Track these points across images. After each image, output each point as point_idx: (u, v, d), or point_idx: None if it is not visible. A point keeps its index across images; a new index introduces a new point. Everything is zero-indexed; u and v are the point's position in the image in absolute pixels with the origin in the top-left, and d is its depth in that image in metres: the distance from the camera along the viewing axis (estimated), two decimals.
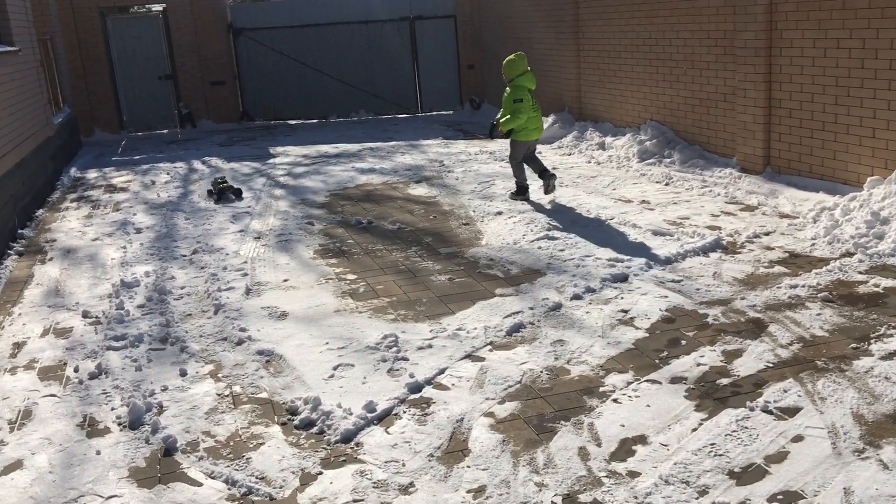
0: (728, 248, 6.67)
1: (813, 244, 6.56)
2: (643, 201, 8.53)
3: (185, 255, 7.50)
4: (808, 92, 8.09)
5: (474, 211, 8.67)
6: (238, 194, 9.95)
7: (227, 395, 4.61)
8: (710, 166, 9.46)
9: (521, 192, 9.05)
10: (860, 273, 5.82)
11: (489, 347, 5.06)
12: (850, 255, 6.22)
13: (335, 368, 4.88)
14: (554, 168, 10.71)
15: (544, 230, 7.58)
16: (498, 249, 7.18)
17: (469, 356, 4.94)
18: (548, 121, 13.09)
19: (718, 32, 9.33)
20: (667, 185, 9.23)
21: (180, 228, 8.59)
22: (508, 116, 8.74)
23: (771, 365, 4.52)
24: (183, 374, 4.91)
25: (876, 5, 7.10)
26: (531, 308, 5.65)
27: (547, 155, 11.71)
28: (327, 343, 5.26)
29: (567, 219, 7.95)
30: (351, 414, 4.24)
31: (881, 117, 7.27)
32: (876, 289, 5.51)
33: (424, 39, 17.50)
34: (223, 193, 9.86)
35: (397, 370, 4.80)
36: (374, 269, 6.85)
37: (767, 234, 7.00)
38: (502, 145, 12.68)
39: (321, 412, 4.27)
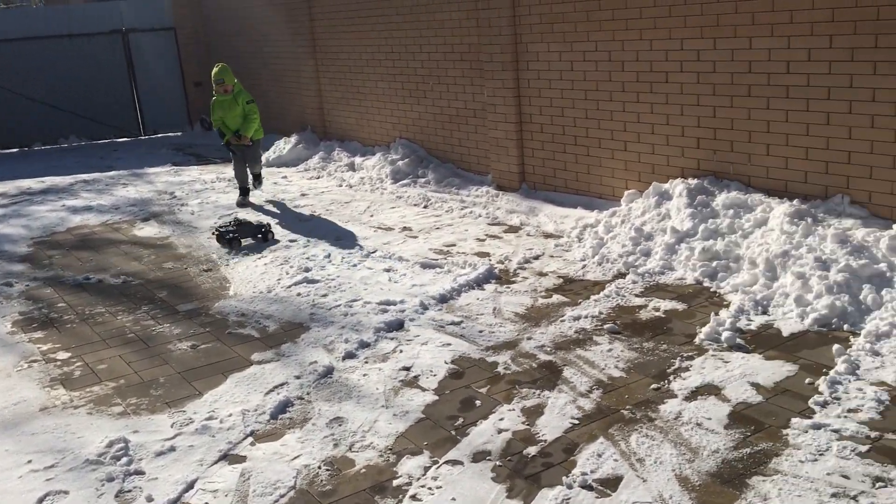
0: (502, 278, 6.22)
1: (584, 266, 6.30)
2: (405, 228, 7.92)
3: None
4: (557, 106, 7.95)
5: (216, 252, 7.54)
6: None
7: None
8: (466, 185, 9.11)
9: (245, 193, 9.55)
10: (637, 296, 5.60)
11: (250, 440, 4.07)
12: (622, 275, 6.01)
13: (42, 501, 3.64)
14: (303, 194, 9.82)
15: (302, 271, 6.68)
16: (250, 300, 6.16)
17: (225, 457, 3.93)
18: (291, 141, 12.14)
19: (463, 46, 9.00)
20: (425, 207, 8.71)
21: None
22: (255, 125, 9.26)
23: (577, 421, 4.02)
24: None
25: (620, 17, 7.05)
26: (298, 377, 4.74)
27: (293, 179, 10.78)
28: (30, 461, 3.98)
29: (325, 254, 7.11)
30: None
31: (631, 130, 7.25)
32: (657, 313, 5.28)
33: (142, 55, 15.71)
34: None
35: (129, 491, 3.68)
36: (95, 342, 5.54)
37: (537, 257, 6.66)
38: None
39: None
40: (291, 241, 7.73)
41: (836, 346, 4.44)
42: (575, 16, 7.48)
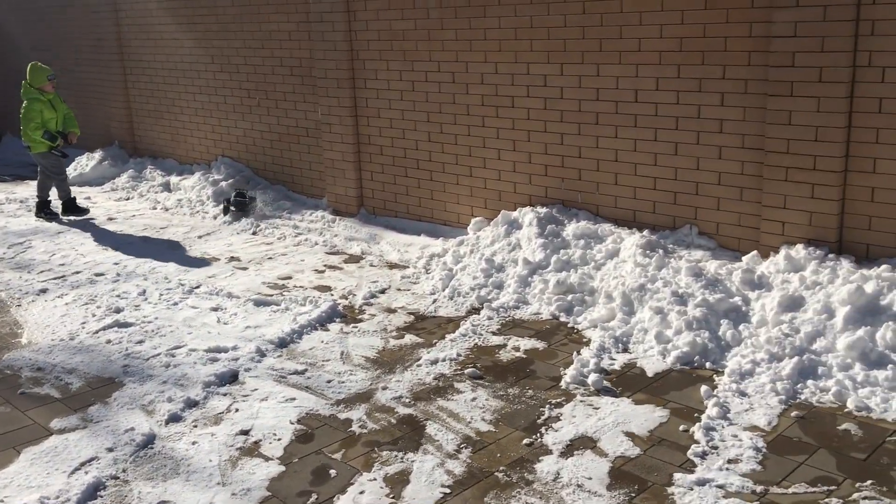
0: (347, 315, 5.68)
1: (435, 301, 5.89)
2: (232, 258, 7.16)
3: None
4: (398, 128, 7.53)
5: (6, 290, 6.43)
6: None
7: None
8: (298, 209, 8.46)
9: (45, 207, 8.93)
10: (494, 333, 5.25)
11: None
12: (476, 310, 5.66)
13: None
14: (110, 218, 8.75)
15: (112, 312, 5.78)
16: (48, 350, 5.21)
17: None
18: (94, 157, 10.90)
19: (293, 60, 8.38)
20: (254, 233, 7.98)
21: None
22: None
23: (448, 490, 3.56)
24: None
25: (463, 37, 6.75)
26: (111, 449, 3.95)
27: (98, 200, 9.63)
28: None
29: (139, 291, 6.23)
30: None
31: (477, 154, 6.96)
32: (517, 353, 4.96)
33: None
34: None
35: None
36: None
37: (383, 291, 6.17)
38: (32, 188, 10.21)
39: None
40: (97, 275, 6.75)
41: (703, 388, 4.29)
42: (416, 34, 7.11)
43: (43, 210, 8.84)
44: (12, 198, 9.87)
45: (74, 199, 8.95)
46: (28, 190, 10.40)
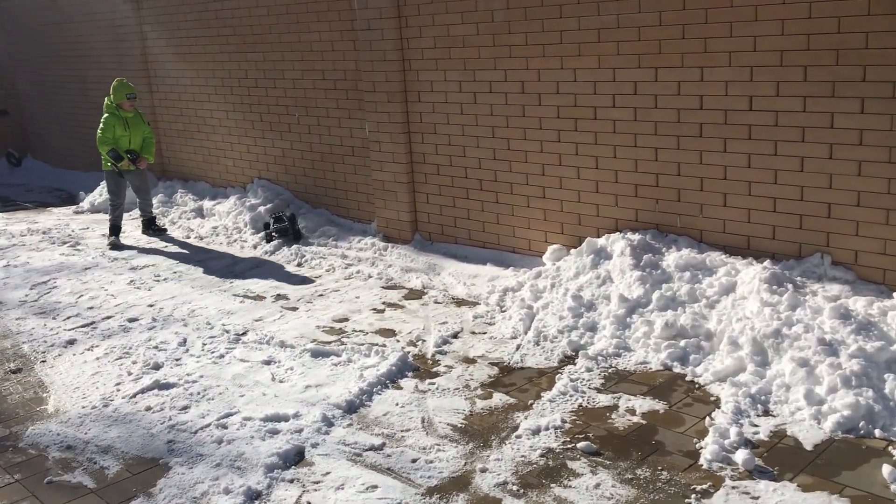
0: (420, 368, 4.89)
1: (519, 347, 5.08)
2: (279, 295, 6.40)
3: None
4: (458, 144, 6.74)
5: (30, 342, 5.71)
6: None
7: None
8: (345, 235, 7.70)
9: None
10: (599, 390, 4.44)
11: None
12: (570, 359, 4.85)
13: None
14: (141, 250, 8.04)
15: (150, 369, 5.04)
16: (79, 422, 4.46)
17: None
18: None
19: (337, 73, 7.63)
20: (300, 265, 7.22)
21: None
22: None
23: None
24: None
25: (535, 42, 5.96)
26: None
27: (127, 229, 8.92)
28: None
29: (180, 340, 5.49)
30: None
31: (551, 174, 6.16)
32: (633, 417, 4.14)
33: None
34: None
35: None
36: None
37: (456, 335, 5.38)
38: (62, 219, 9.52)
39: None
40: (131, 320, 6.01)
41: (886, 469, 3.45)
42: (477, 39, 6.32)
43: (114, 233, 8.39)
44: (35, 228, 9.19)
45: (154, 217, 8.73)
46: (51, 219, 9.73)
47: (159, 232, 8.56)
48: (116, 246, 8.19)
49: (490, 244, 6.75)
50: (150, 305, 6.35)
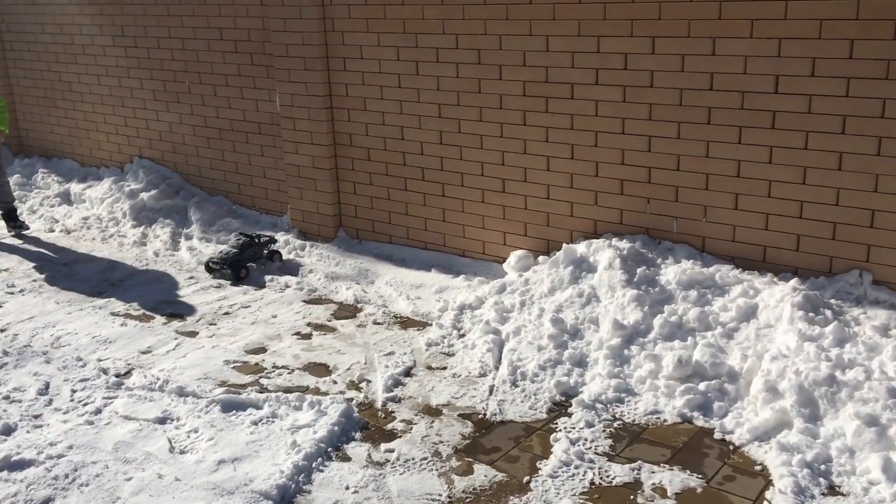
0: (371, 426, 3.74)
1: (493, 391, 4.01)
2: (172, 315, 5.07)
3: None
4: (394, 124, 5.55)
5: None
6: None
7: None
8: (250, 229, 6.38)
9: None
10: (610, 457, 3.42)
11: None
12: (562, 407, 3.82)
13: None
14: None
15: None
16: None
17: None
18: None
19: (239, 32, 6.24)
20: (192, 272, 5.87)
21: None
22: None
23: None
24: None
25: (496, 1, 4.82)
26: None
27: None
28: None
29: (40, 387, 4.10)
30: None
31: (514, 163, 5.07)
32: (666, 500, 3.16)
33: None
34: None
35: None
36: None
37: (408, 372, 4.25)
38: None
39: None
40: None
41: None
42: None
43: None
44: None
45: (14, 208, 6.85)
46: None
47: (20, 228, 6.83)
48: (24, 230, 6.64)
49: (434, 245, 5.63)
50: (1, 330, 4.89)
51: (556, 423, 3.69)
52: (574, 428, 3.64)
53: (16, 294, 5.48)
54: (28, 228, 6.83)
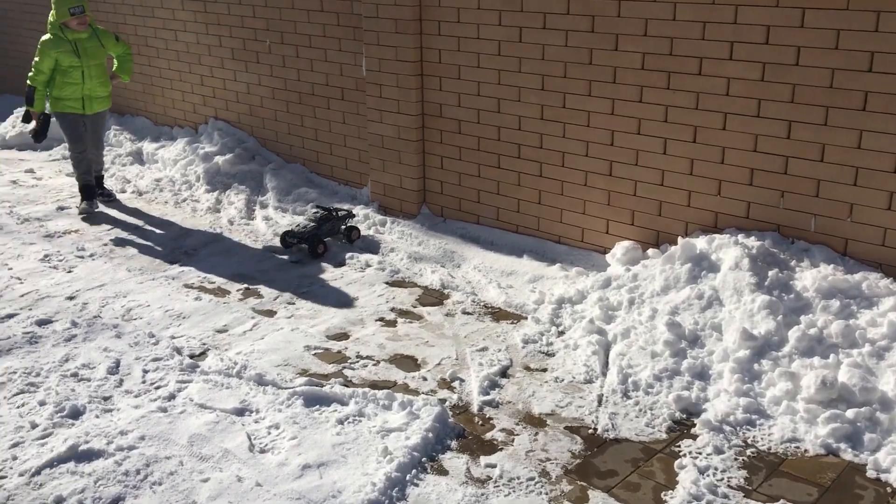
0: (468, 434, 3.37)
1: (601, 401, 3.59)
2: (249, 291, 4.76)
3: None
4: (490, 95, 5.10)
5: None
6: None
7: None
8: (327, 201, 6.03)
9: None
10: (749, 494, 2.98)
11: None
12: (683, 427, 3.38)
13: None
14: (61, 208, 6.24)
15: (64, 417, 3.40)
16: None
17: None
18: None
19: None
20: (268, 244, 5.55)
21: None
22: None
23: None
24: None
25: None
26: None
27: (43, 174, 7.08)
28: None
29: (110, 365, 3.83)
30: None
31: (624, 144, 4.59)
32: None
33: None
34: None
35: None
36: None
37: (504, 372, 3.85)
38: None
39: None
40: (41, 322, 4.32)
41: None
42: None
43: (87, 196, 6.09)
44: None
45: (102, 177, 6.42)
46: None
47: (108, 198, 6.34)
48: (90, 214, 5.99)
49: (526, 229, 5.19)
50: (70, 298, 4.64)
51: (679, 446, 3.26)
52: (701, 453, 3.20)
53: (86, 259, 5.23)
54: (114, 200, 6.35)
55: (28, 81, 5.77)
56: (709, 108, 4.22)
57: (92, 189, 6.09)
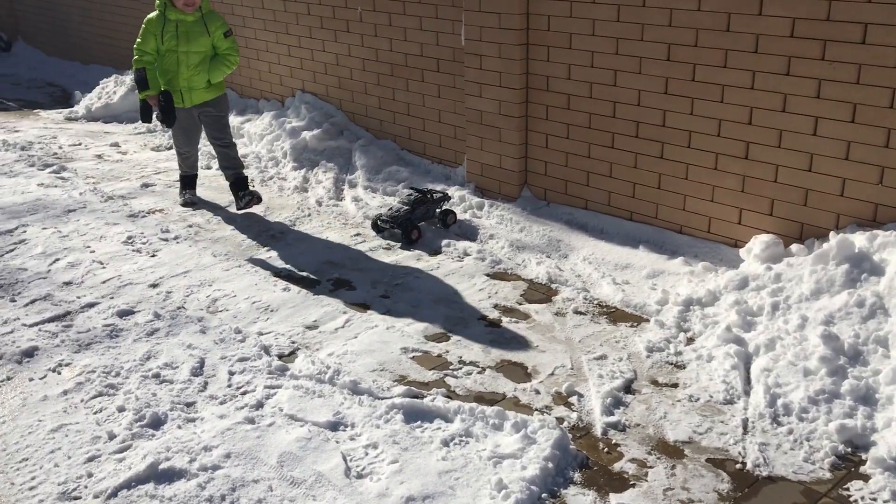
0: (592, 465, 2.92)
1: (747, 427, 3.09)
2: (340, 281, 4.40)
3: None
4: (605, 67, 4.57)
5: None
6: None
7: None
8: (419, 179, 5.63)
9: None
10: None
11: None
12: (849, 464, 2.86)
13: None
14: (146, 185, 6.02)
15: (144, 426, 3.10)
16: None
17: None
18: (125, 81, 8.12)
19: None
20: (358, 227, 5.19)
21: None
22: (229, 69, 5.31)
23: None
24: None
25: None
26: None
27: (129, 148, 6.92)
28: None
29: (194, 365, 3.53)
30: None
31: (765, 123, 4.00)
32: None
33: None
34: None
35: None
36: None
37: (628, 387, 3.38)
38: (50, 128, 7.43)
39: None
40: (123, 314, 4.05)
41: None
42: None
43: (186, 186, 5.64)
44: (13, 140, 7.12)
45: (245, 178, 5.43)
46: (36, 127, 7.68)
47: (252, 198, 5.31)
48: (189, 203, 5.60)
49: (642, 216, 4.67)
50: (153, 286, 4.37)
51: (848, 488, 2.74)
52: (876, 500, 2.68)
53: (170, 241, 4.97)
54: (259, 201, 5.36)
55: (133, 65, 5.20)
56: (872, 83, 3.60)
57: (188, 179, 5.65)
